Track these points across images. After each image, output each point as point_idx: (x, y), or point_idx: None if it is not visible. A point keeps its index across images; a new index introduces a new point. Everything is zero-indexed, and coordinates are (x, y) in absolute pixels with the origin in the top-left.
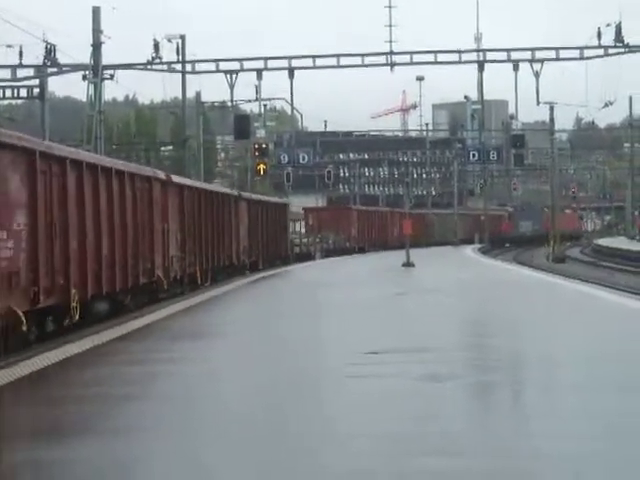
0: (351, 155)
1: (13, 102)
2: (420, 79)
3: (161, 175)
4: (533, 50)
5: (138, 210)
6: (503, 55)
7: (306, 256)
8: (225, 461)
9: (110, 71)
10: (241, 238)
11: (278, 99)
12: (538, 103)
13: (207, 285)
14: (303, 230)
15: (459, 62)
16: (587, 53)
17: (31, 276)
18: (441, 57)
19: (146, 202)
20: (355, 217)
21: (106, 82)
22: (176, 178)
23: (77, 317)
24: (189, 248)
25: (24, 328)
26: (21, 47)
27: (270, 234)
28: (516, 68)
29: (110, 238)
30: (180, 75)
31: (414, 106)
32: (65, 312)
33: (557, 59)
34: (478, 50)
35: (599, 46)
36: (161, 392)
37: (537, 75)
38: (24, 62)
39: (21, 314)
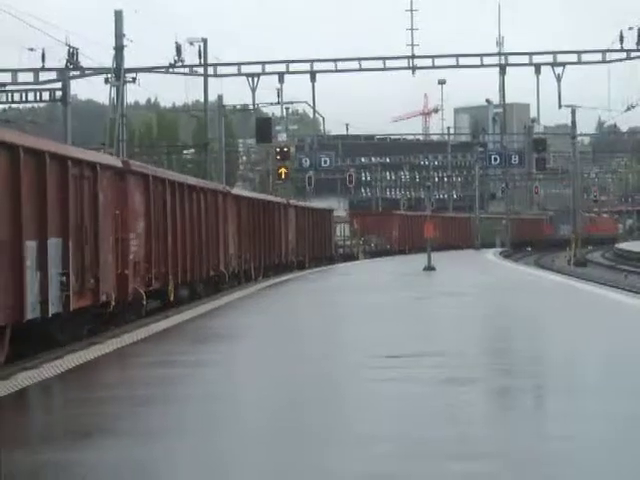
0: (372, 159)
1: (36, 105)
2: (442, 83)
3: (223, 188)
4: (555, 53)
5: (208, 217)
6: (525, 59)
7: (350, 256)
8: (244, 463)
9: (132, 74)
10: (289, 240)
11: (300, 102)
12: (560, 106)
13: (260, 279)
14: (347, 233)
15: (481, 66)
16: (609, 56)
17: (146, 266)
18: (463, 61)
19: (213, 211)
20: (397, 221)
21: (128, 85)
22: (234, 190)
23: (172, 298)
24: (245, 248)
25: (144, 303)
26: (43, 50)
27: (316, 236)
28: (538, 71)
29: (191, 239)
30: (202, 78)
31: (436, 110)
32: (164, 294)
33: (579, 62)
34: (500, 54)
35: (621, 49)
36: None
37: (559, 78)
38: (47, 65)
39: (143, 293)
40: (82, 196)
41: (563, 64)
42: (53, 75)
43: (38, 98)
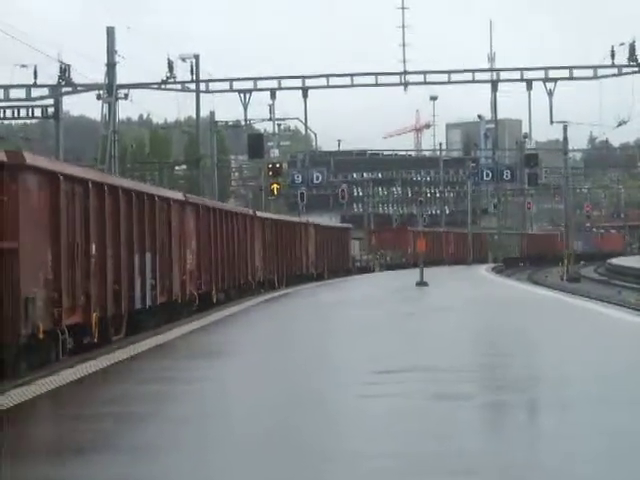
0: (364, 174)
1: (28, 122)
2: (434, 99)
3: (251, 212)
4: (546, 69)
5: (239, 236)
6: (517, 74)
7: (366, 269)
8: (236, 477)
9: (124, 90)
10: (309, 254)
11: (292, 119)
12: (552, 122)
13: (282, 287)
14: (364, 248)
15: (473, 81)
16: (601, 72)
17: (197, 274)
18: (455, 77)
19: (243, 231)
20: (411, 237)
21: (120, 101)
22: (259, 213)
23: (215, 300)
24: (269, 261)
25: (196, 303)
26: (36, 67)
27: (334, 251)
28: (530, 87)
29: (227, 254)
30: (194, 94)
31: (427, 125)
32: (209, 297)
33: (571, 78)
34: (492, 70)
35: (613, 65)
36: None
37: (551, 94)
38: (39, 82)
39: (196, 295)
40: (162, 223)
41: (555, 79)
42: (45, 91)
43: (30, 114)
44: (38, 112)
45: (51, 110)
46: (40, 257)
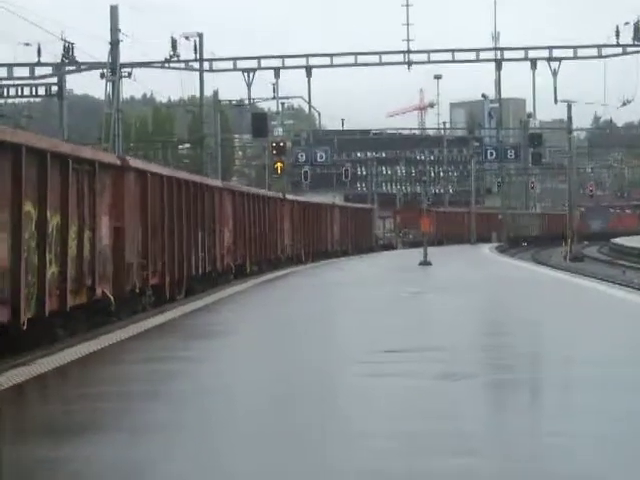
0: (368, 154)
1: (31, 100)
2: (438, 77)
3: (280, 195)
4: (551, 48)
5: (270, 217)
6: (521, 53)
7: (389, 246)
8: (239, 459)
9: (128, 69)
10: (334, 233)
11: (295, 97)
12: (556, 101)
13: (308, 262)
14: (389, 226)
15: (477, 60)
16: (605, 51)
17: (234, 248)
18: (458, 55)
19: (273, 212)
20: (433, 217)
21: (124, 80)
22: (289, 196)
23: (248, 270)
24: (296, 239)
25: (232, 272)
26: (39, 45)
27: (358, 230)
28: (534, 66)
29: (259, 232)
30: (197, 73)
31: (431, 104)
32: (244, 268)
33: (575, 57)
34: (496, 48)
35: (617, 44)
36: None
37: (555, 73)
38: (42, 60)
39: (232, 266)
40: (209, 207)
41: (559, 59)
42: (49, 70)
43: (34, 93)
44: (42, 91)
45: (55, 89)
46: (135, 234)
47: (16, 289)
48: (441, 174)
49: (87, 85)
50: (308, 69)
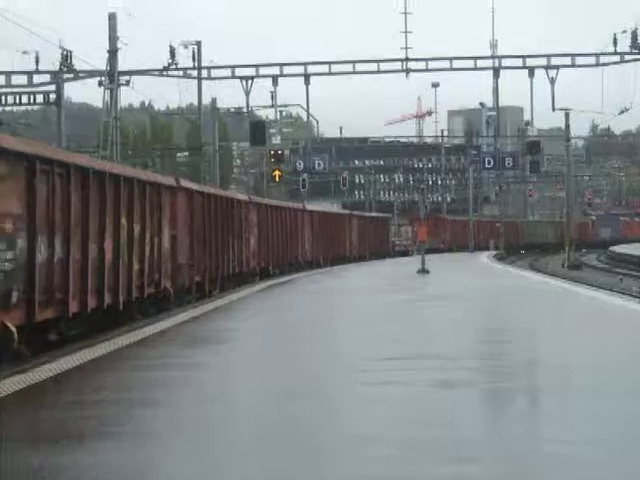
0: (366, 161)
1: (29, 108)
2: (435, 86)
3: (301, 206)
4: (549, 56)
5: (290, 226)
6: (518, 62)
7: (405, 253)
8: (240, 464)
9: (126, 77)
10: (352, 240)
11: (294, 105)
12: (554, 109)
13: (327, 266)
14: (405, 234)
15: (474, 69)
16: (603, 59)
17: (258, 253)
18: (456, 63)
19: (294, 221)
20: (447, 225)
21: (122, 88)
22: (309, 206)
23: (271, 273)
24: (316, 246)
25: (258, 275)
26: (37, 53)
27: (374, 238)
28: (531, 74)
29: (281, 240)
30: (196, 81)
31: (429, 113)
32: (267, 270)
33: (573, 66)
34: (493, 57)
35: (615, 52)
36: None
37: (553, 81)
38: (40, 68)
39: (258, 270)
40: (238, 217)
41: (557, 67)
42: (47, 78)
43: (32, 101)
44: (40, 98)
45: (53, 96)
46: (184, 240)
47: (116, 280)
48: (439, 182)
49: (85, 93)
50: (306, 77)
